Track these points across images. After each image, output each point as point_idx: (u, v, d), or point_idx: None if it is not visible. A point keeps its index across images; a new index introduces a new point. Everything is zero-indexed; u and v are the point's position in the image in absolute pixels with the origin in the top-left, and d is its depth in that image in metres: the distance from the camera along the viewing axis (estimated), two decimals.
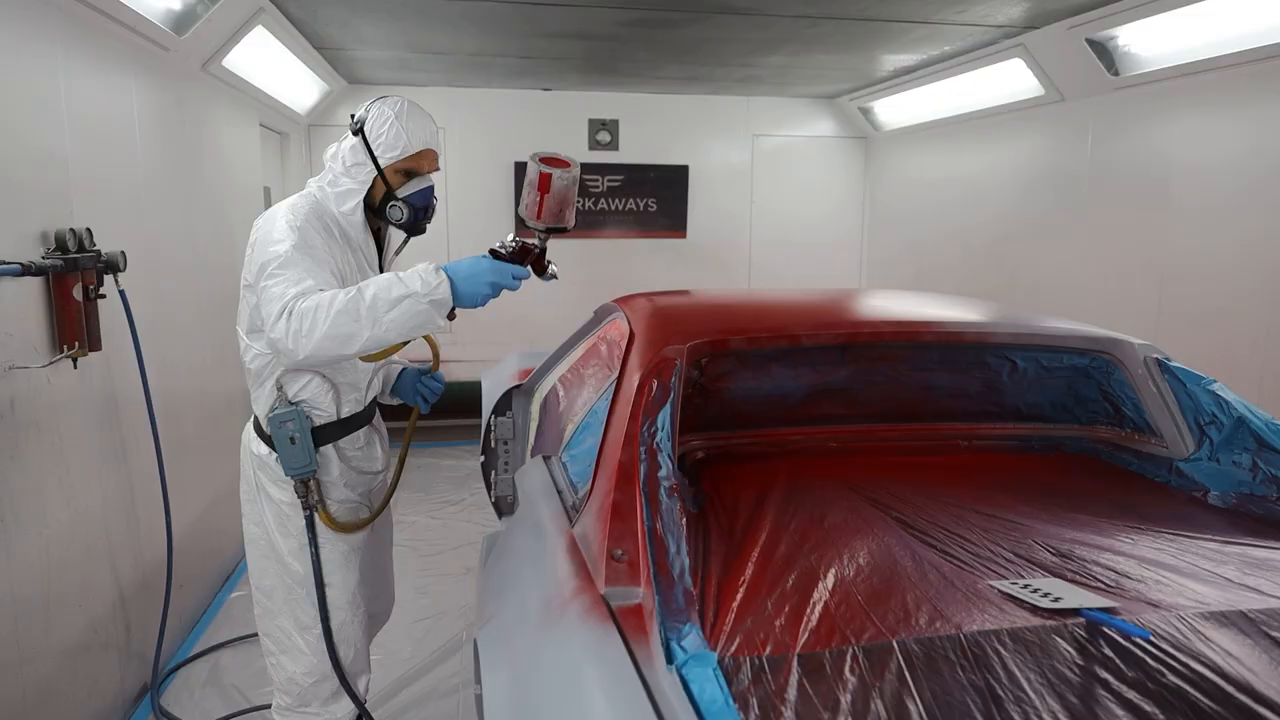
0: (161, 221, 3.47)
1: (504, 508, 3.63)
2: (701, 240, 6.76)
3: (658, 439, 1.79)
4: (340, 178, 2.16)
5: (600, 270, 6.58)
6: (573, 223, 2.03)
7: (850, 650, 1.31)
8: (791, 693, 1.23)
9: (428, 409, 2.59)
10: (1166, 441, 2.25)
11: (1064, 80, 4.53)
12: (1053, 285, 4.77)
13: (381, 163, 2.13)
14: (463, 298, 1.92)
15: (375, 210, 2.21)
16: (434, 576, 4.24)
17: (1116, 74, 4.20)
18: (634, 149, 6.52)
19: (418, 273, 1.90)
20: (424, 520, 4.97)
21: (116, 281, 2.77)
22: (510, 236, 2.03)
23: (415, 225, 2.23)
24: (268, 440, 2.23)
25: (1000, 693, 1.23)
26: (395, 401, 2.62)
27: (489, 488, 3.67)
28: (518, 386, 3.35)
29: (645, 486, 1.66)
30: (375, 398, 2.46)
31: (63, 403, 2.61)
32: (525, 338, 4.79)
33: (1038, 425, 2.44)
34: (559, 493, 2.14)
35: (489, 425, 3.51)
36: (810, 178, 6.90)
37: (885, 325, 2.29)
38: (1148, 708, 1.20)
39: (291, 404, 2.18)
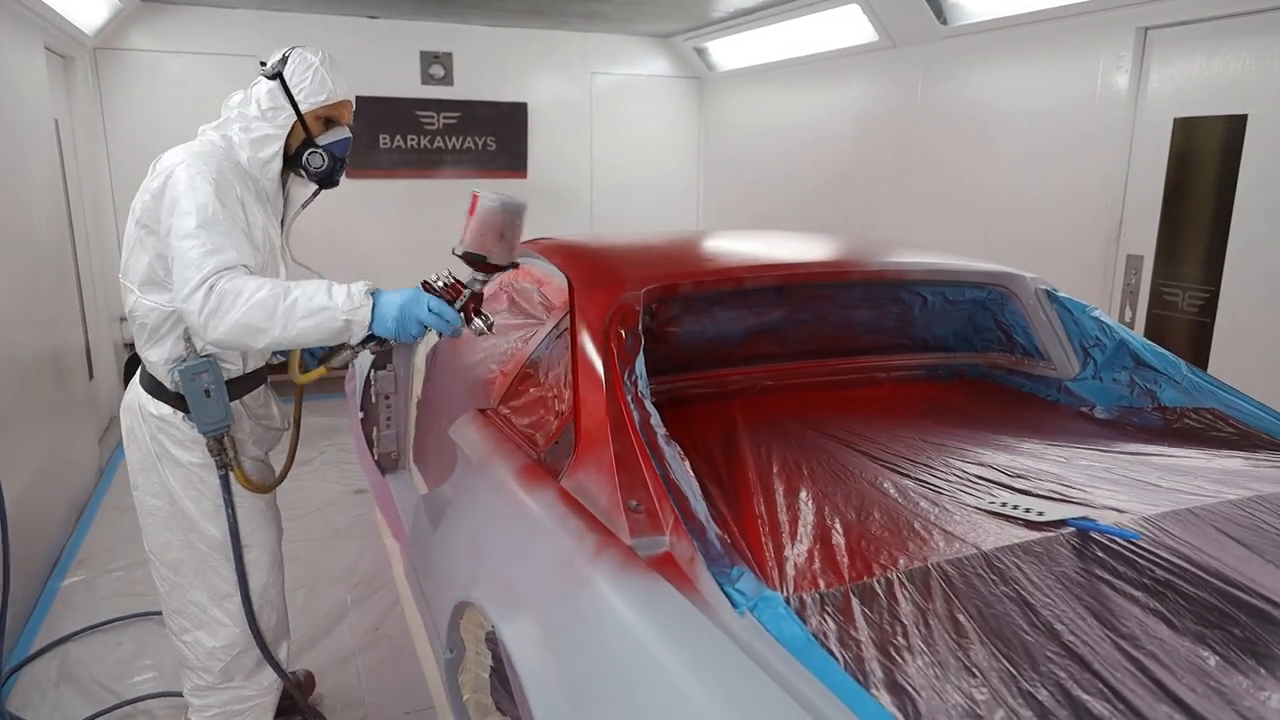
0: None
1: (387, 465, 3.46)
2: (542, 181, 6.61)
3: (640, 387, 1.77)
4: (255, 123, 2.03)
5: (439, 211, 6.26)
6: (502, 259, 1.85)
7: (895, 577, 1.38)
8: (860, 622, 1.28)
9: (315, 364, 2.45)
10: (1055, 364, 2.50)
11: (897, 27, 4.80)
12: (886, 224, 5.10)
13: (303, 108, 2.06)
14: (382, 328, 1.83)
15: (289, 160, 2.10)
16: (300, 541, 3.98)
17: (945, 23, 4.50)
18: (470, 85, 6.22)
19: (349, 287, 1.83)
20: None
21: None
22: (449, 271, 1.89)
23: (332, 176, 2.15)
24: (170, 399, 2.06)
25: (1032, 601, 1.35)
26: (281, 359, 2.46)
27: (370, 445, 3.47)
28: None
29: (644, 435, 1.65)
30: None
31: None
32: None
33: (942, 355, 2.64)
34: (516, 447, 2.07)
35: (368, 380, 3.31)
36: (647, 118, 6.89)
37: (822, 266, 2.38)
38: (1147, 601, 1.36)
39: (203, 355, 2.02)
